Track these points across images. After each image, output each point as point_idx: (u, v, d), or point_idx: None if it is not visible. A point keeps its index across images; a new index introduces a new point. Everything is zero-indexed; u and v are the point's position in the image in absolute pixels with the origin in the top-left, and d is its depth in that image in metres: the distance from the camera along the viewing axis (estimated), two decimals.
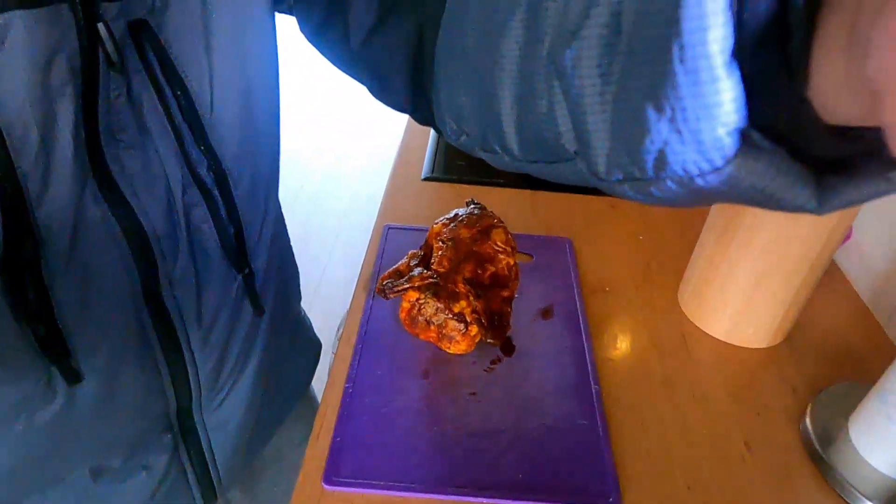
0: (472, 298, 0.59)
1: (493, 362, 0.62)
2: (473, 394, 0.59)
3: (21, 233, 0.34)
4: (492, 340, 0.60)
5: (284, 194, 0.58)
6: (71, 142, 0.35)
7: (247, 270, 0.51)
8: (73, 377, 0.41)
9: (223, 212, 0.46)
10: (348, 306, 0.69)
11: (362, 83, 0.47)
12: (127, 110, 0.38)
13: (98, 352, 0.42)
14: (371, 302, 0.68)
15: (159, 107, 0.39)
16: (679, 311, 0.71)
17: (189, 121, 0.40)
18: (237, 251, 0.49)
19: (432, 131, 1.04)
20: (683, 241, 0.82)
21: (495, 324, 0.61)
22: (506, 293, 0.64)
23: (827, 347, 0.67)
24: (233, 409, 0.57)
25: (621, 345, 0.66)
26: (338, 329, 0.66)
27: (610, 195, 0.29)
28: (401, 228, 0.80)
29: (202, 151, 0.42)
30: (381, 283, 0.62)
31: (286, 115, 0.54)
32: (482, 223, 0.64)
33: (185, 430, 0.53)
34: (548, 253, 0.76)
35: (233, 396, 0.56)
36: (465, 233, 0.63)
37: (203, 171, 0.43)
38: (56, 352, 0.39)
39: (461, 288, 0.59)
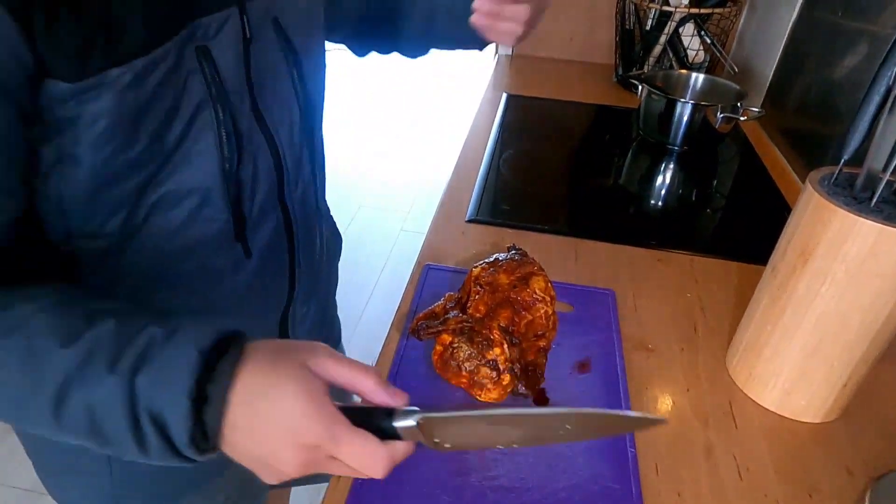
0: (506, 346, 0.58)
1: None
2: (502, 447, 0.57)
3: (238, 151, 0.52)
4: (525, 391, 0.58)
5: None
6: (247, 84, 0.53)
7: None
8: (248, 253, 0.58)
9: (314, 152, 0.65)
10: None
11: None
12: (265, 69, 0.54)
13: (258, 237, 0.58)
14: (405, 342, 0.67)
15: (285, 68, 0.57)
16: (726, 377, 0.67)
17: (294, 68, 0.58)
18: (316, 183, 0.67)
19: (481, 172, 1.05)
20: (735, 301, 0.78)
21: (529, 374, 0.60)
22: (542, 343, 0.62)
23: (889, 427, 0.62)
24: None
25: (662, 407, 0.63)
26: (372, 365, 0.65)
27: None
28: (440, 269, 0.79)
29: (302, 89, 0.60)
30: (416, 323, 0.61)
31: (348, 150, 0.69)
32: (522, 270, 0.63)
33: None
34: (589, 304, 0.74)
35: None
36: (503, 278, 0.62)
37: (300, 106, 0.60)
38: (241, 235, 0.56)
39: (496, 335, 0.58)
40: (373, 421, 0.40)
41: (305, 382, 0.38)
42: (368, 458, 0.38)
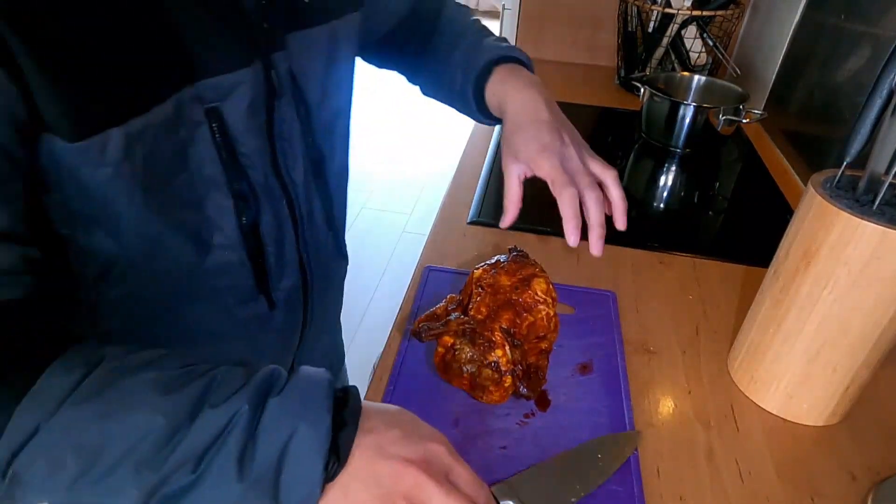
0: (508, 348, 0.58)
1: (526, 416, 0.60)
2: (504, 447, 0.57)
3: (255, 205, 0.53)
4: (526, 393, 0.58)
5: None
6: (266, 138, 0.53)
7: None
8: (272, 305, 0.60)
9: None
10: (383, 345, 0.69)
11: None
12: (283, 118, 0.54)
13: (281, 288, 0.60)
14: (406, 344, 0.67)
15: (296, 121, 0.55)
16: (728, 380, 0.67)
17: (307, 125, 0.58)
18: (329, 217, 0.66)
19: (482, 174, 1.05)
20: (737, 304, 0.78)
21: (531, 376, 0.60)
22: (544, 345, 0.62)
23: (891, 430, 0.62)
24: None
25: (663, 410, 0.63)
26: (373, 367, 0.66)
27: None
28: (442, 271, 0.79)
29: (311, 141, 0.59)
30: (418, 325, 0.61)
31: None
32: (523, 271, 0.63)
33: None
34: (590, 306, 0.74)
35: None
36: (505, 280, 0.62)
37: (312, 156, 0.60)
38: (264, 288, 0.58)
39: (498, 337, 0.58)
40: None
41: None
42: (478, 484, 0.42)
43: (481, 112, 0.70)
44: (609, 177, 0.60)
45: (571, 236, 0.55)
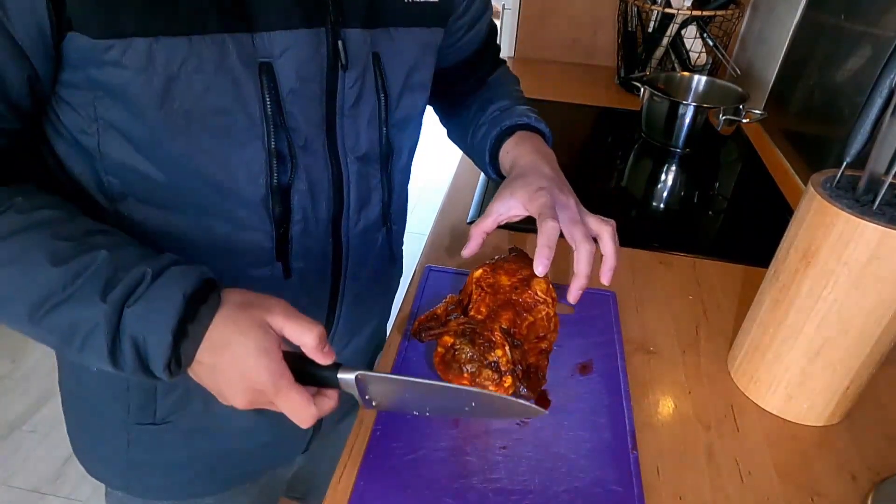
0: (508, 348, 0.58)
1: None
2: (504, 448, 0.57)
3: (291, 169, 0.53)
4: (526, 393, 0.58)
5: None
6: (321, 107, 0.53)
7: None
8: (287, 273, 0.59)
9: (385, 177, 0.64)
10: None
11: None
12: (353, 97, 0.55)
13: (301, 260, 0.59)
14: (406, 344, 0.67)
15: (374, 105, 0.57)
16: (728, 380, 0.67)
17: (383, 110, 0.58)
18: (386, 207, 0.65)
19: (482, 175, 1.05)
20: (737, 304, 0.78)
21: (531, 376, 0.60)
22: (543, 345, 0.62)
23: (892, 430, 0.62)
24: None
25: (663, 410, 0.63)
26: (373, 367, 0.66)
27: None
28: (441, 271, 0.79)
29: (385, 131, 0.60)
30: (418, 325, 0.61)
31: None
32: (523, 272, 0.63)
33: None
34: (590, 306, 0.74)
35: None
36: (505, 280, 0.62)
37: (382, 146, 0.60)
38: (283, 254, 0.58)
39: (498, 337, 0.58)
40: (319, 370, 0.48)
41: (262, 338, 0.44)
42: (298, 411, 0.46)
43: (493, 167, 0.72)
44: (607, 231, 0.60)
45: (539, 266, 0.56)
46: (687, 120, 1.15)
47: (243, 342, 0.44)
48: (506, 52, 1.66)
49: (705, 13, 1.31)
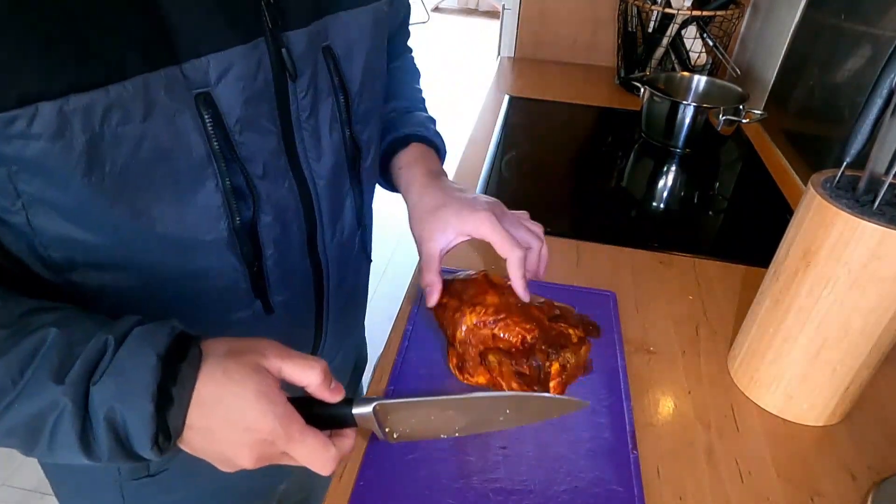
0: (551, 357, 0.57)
1: None
2: (504, 447, 0.57)
3: (253, 203, 0.48)
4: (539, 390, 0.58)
5: None
6: (275, 127, 0.48)
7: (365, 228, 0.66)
8: (269, 309, 0.55)
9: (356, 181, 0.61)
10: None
11: None
12: (308, 105, 0.50)
13: (281, 293, 0.56)
14: (406, 344, 0.67)
15: (332, 104, 0.52)
16: (728, 380, 0.67)
17: (344, 109, 0.54)
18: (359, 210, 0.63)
19: (482, 175, 1.05)
20: (737, 304, 0.78)
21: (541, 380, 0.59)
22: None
23: (892, 430, 0.62)
24: None
25: (663, 410, 0.63)
26: (373, 367, 0.66)
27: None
28: (442, 271, 0.79)
29: (348, 133, 0.56)
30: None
31: None
32: (555, 327, 0.60)
33: None
34: (590, 306, 0.74)
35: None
36: (489, 332, 0.59)
37: (347, 149, 0.57)
38: (261, 292, 0.54)
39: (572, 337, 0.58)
40: (329, 409, 0.43)
41: (259, 382, 0.39)
42: (317, 456, 0.41)
43: (382, 175, 0.70)
44: (539, 232, 0.63)
45: (524, 294, 0.59)
46: (687, 120, 1.15)
47: (239, 392, 0.39)
48: (506, 51, 1.66)
49: (705, 13, 1.31)
